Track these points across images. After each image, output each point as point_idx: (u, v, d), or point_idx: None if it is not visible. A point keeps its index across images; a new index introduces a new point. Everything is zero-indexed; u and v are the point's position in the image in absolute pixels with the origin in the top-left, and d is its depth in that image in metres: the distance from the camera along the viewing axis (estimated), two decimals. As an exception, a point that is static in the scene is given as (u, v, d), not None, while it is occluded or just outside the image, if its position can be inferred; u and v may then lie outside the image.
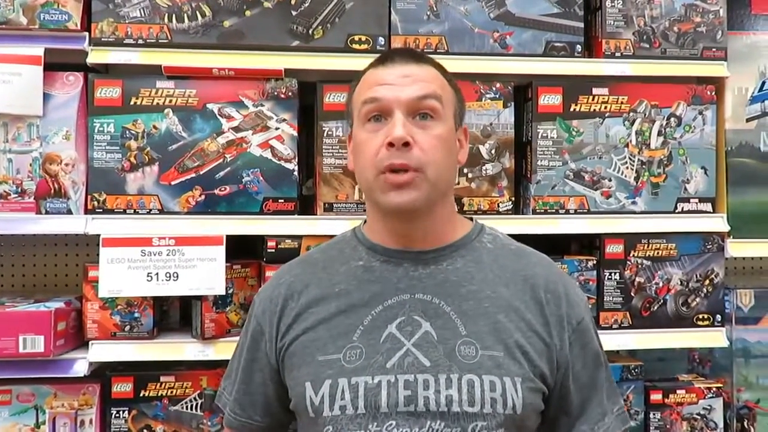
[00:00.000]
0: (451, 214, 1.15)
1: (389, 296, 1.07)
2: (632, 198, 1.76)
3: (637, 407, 1.77)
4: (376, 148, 1.04)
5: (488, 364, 1.02)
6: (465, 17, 1.70)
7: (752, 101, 1.82)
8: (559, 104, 1.73)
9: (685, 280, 1.76)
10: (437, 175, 1.05)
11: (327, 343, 1.06)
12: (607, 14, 1.74)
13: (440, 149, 1.06)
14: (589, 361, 1.12)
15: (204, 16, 1.62)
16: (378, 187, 1.05)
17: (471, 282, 1.09)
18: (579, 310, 1.12)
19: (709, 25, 1.78)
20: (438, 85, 1.09)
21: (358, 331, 1.05)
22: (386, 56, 1.13)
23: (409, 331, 1.04)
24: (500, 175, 1.72)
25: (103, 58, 1.59)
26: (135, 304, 1.61)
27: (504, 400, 1.00)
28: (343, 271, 1.12)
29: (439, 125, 1.07)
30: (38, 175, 1.59)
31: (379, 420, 1.00)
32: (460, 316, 1.05)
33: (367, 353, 1.03)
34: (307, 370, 1.05)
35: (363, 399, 1.01)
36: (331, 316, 1.08)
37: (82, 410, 1.60)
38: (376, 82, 1.08)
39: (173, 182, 1.62)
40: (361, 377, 1.02)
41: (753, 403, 1.83)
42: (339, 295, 1.09)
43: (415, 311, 1.06)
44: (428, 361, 1.02)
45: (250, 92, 1.64)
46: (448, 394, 1.00)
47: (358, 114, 1.10)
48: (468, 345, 1.03)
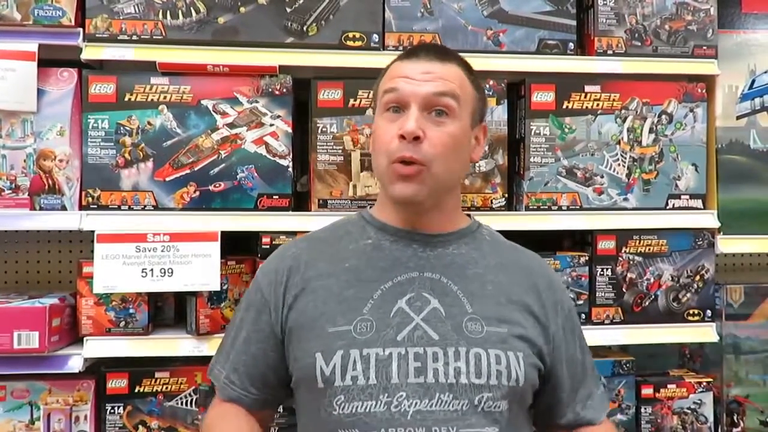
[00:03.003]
0: (456, 207, 1.21)
1: (399, 273, 1.11)
2: (624, 195, 1.77)
3: (629, 402, 1.78)
4: (390, 138, 1.10)
5: (494, 339, 1.07)
6: (458, 14, 1.71)
7: (742, 99, 1.83)
8: (551, 101, 1.74)
9: (676, 276, 1.78)
10: (442, 171, 1.10)
11: (337, 316, 1.08)
12: (599, 12, 1.75)
13: (450, 146, 1.10)
14: (578, 346, 1.19)
15: (198, 13, 1.62)
16: (387, 176, 1.10)
17: (475, 266, 1.14)
18: (569, 300, 1.22)
19: (700, 24, 1.79)
20: (458, 84, 1.13)
21: (368, 304, 1.08)
22: (413, 51, 1.19)
23: (418, 307, 1.08)
24: (493, 172, 1.73)
25: (97, 54, 1.59)
26: (130, 300, 1.61)
27: (508, 372, 1.05)
28: (352, 249, 1.15)
29: (453, 123, 1.11)
30: (32, 171, 1.59)
31: (390, 391, 1.02)
32: (467, 295, 1.10)
33: (377, 326, 1.06)
34: (317, 342, 1.07)
35: (374, 370, 1.03)
36: (341, 290, 1.10)
37: (76, 406, 1.60)
38: (399, 75, 1.13)
39: (168, 178, 1.62)
40: (372, 349, 1.04)
41: (742, 397, 1.85)
42: (348, 270, 1.12)
43: (423, 288, 1.09)
44: (437, 335, 1.06)
45: (244, 89, 1.64)
46: (456, 366, 1.04)
47: (379, 102, 1.16)
48: (474, 321, 1.08)
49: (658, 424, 1.79)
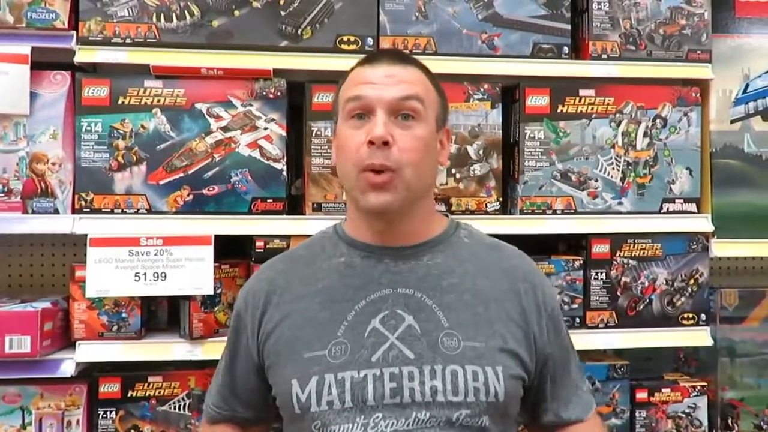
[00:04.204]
0: (429, 212, 1.18)
1: (371, 291, 1.09)
2: (618, 198, 1.77)
3: (623, 406, 1.78)
4: (357, 145, 1.07)
5: (470, 355, 1.04)
6: (453, 18, 1.71)
7: (736, 103, 1.84)
8: (546, 105, 1.74)
9: (670, 280, 1.78)
10: (414, 176, 1.07)
11: (312, 340, 1.07)
12: (593, 16, 1.76)
13: (420, 150, 1.08)
14: (563, 346, 1.18)
15: (192, 16, 1.62)
16: (358, 186, 1.07)
17: (451, 275, 1.11)
18: (552, 299, 1.18)
19: (694, 28, 1.80)
20: (421, 87, 1.12)
21: (342, 326, 1.07)
22: (373, 56, 1.16)
23: (392, 325, 1.06)
24: (488, 176, 1.73)
25: (90, 57, 1.58)
26: (122, 304, 1.60)
27: (486, 388, 1.03)
28: (325, 268, 1.14)
29: (420, 126, 1.09)
30: (25, 174, 1.58)
31: (366, 413, 1.01)
32: (442, 308, 1.08)
33: (352, 348, 1.05)
34: (293, 368, 1.06)
35: (350, 393, 1.02)
36: (315, 313, 1.09)
37: (68, 411, 1.59)
38: (361, 81, 1.10)
39: (161, 182, 1.61)
40: (347, 372, 1.03)
41: (737, 401, 1.85)
42: (321, 291, 1.11)
43: (397, 305, 1.07)
44: (412, 354, 1.04)
45: (238, 92, 1.64)
46: (432, 385, 1.02)
47: (342, 111, 1.13)
48: (450, 337, 1.06)
49: (653, 428, 1.79)
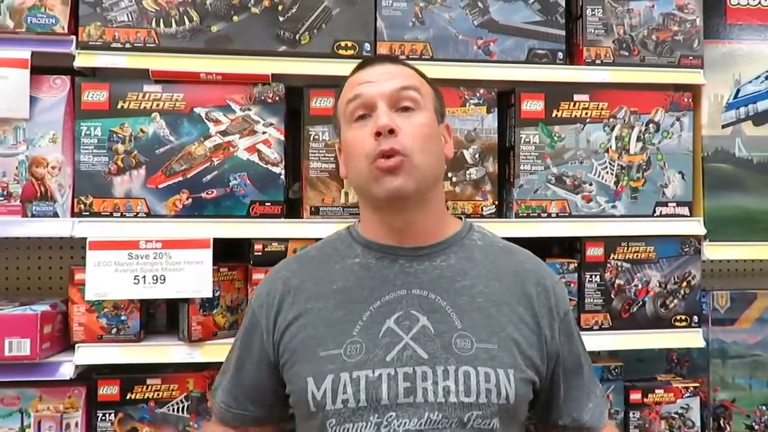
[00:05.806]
0: (442, 211, 1.20)
1: (387, 292, 1.10)
2: (612, 202, 1.80)
3: (617, 407, 1.80)
4: (365, 141, 1.09)
5: (483, 356, 1.06)
6: (449, 24, 1.73)
7: (727, 108, 1.87)
8: (541, 110, 1.76)
9: (663, 282, 1.80)
10: (424, 161, 1.09)
11: (327, 339, 1.08)
12: (587, 22, 1.78)
13: (425, 136, 1.11)
14: (575, 349, 1.19)
15: (191, 21, 1.63)
16: (372, 177, 1.08)
17: (464, 278, 1.13)
18: (565, 302, 1.18)
19: (686, 34, 1.82)
20: (416, 80, 1.16)
21: (357, 326, 1.08)
22: (366, 61, 1.21)
23: (407, 326, 1.07)
24: (484, 180, 1.75)
25: (90, 61, 1.59)
26: (122, 306, 1.61)
27: (498, 390, 1.04)
28: (339, 269, 1.15)
29: (421, 114, 1.12)
30: (24, 178, 1.59)
31: (380, 412, 1.03)
32: (456, 310, 1.09)
33: (367, 347, 1.06)
34: (309, 366, 1.08)
35: (364, 392, 1.03)
36: (331, 313, 1.10)
37: (67, 413, 1.59)
38: (358, 82, 1.14)
39: (160, 185, 1.62)
40: (362, 371, 1.05)
41: (729, 402, 1.88)
42: (337, 291, 1.12)
43: (412, 306, 1.09)
44: (426, 354, 1.05)
45: (237, 96, 1.65)
46: (445, 385, 1.03)
47: (345, 116, 1.15)
48: (463, 338, 1.07)
49: (647, 429, 1.81)
